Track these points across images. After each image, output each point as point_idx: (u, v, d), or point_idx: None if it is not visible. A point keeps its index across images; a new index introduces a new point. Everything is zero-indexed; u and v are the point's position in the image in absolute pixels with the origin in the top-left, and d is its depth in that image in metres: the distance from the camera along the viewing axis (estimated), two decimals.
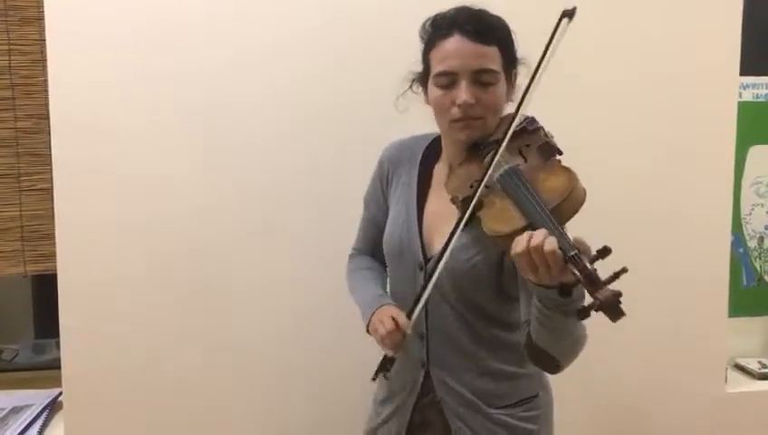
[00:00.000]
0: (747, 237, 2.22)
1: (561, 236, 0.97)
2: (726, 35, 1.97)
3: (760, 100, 2.18)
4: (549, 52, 1.14)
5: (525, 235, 0.98)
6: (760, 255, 2.23)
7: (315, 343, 1.86)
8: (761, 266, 2.24)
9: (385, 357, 1.25)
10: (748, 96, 2.16)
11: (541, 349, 1.11)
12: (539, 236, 0.96)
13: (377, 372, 1.27)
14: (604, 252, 0.93)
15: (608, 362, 1.98)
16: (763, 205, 2.21)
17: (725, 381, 2.08)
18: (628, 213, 1.95)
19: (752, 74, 2.13)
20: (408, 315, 1.22)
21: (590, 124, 1.92)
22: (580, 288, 0.96)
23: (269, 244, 1.84)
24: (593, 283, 0.92)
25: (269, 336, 1.86)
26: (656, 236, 1.98)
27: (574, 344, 1.11)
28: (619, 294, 0.90)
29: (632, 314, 2.09)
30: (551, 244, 0.95)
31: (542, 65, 1.14)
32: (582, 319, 0.97)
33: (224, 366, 1.85)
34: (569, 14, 1.15)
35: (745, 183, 2.19)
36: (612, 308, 0.90)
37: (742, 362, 2.23)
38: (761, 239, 2.23)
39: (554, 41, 1.14)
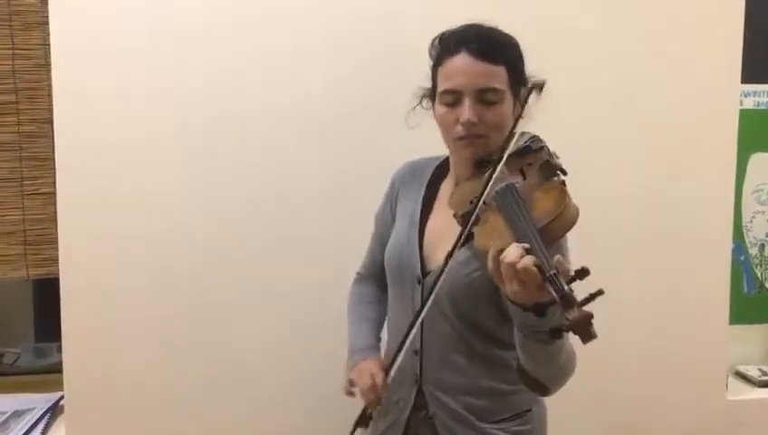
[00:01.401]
0: (748, 245, 2.22)
1: (543, 256, 0.97)
2: (728, 43, 1.98)
3: (761, 108, 2.18)
4: (518, 124, 1.17)
5: (507, 250, 0.99)
6: (761, 262, 2.23)
7: (316, 354, 1.85)
8: (762, 274, 2.24)
9: (363, 411, 1.26)
10: (749, 104, 2.16)
11: (528, 373, 1.13)
12: (513, 252, 0.97)
13: (355, 427, 1.28)
14: (582, 273, 0.93)
15: (609, 369, 1.98)
16: (764, 212, 2.22)
17: (726, 388, 2.08)
18: (629, 220, 1.96)
19: (753, 82, 2.13)
20: (387, 371, 1.24)
21: (591, 133, 1.92)
22: (556, 309, 0.95)
23: (271, 248, 1.84)
24: (568, 303, 0.92)
25: (271, 338, 1.86)
26: (657, 243, 1.98)
27: (560, 371, 1.12)
28: (590, 316, 0.90)
29: (633, 322, 2.09)
30: (525, 261, 0.95)
31: (514, 138, 1.17)
32: (554, 339, 0.97)
33: (225, 370, 1.85)
34: (539, 86, 1.17)
35: (746, 191, 2.20)
36: (583, 329, 0.90)
37: (742, 369, 2.23)
38: (762, 247, 2.23)
39: (525, 111, 1.18)
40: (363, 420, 1.27)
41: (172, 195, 1.80)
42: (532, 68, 1.26)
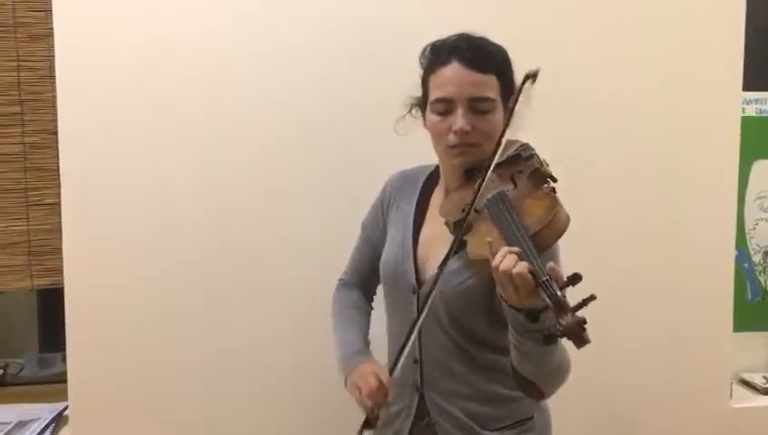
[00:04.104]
0: (752, 252, 2.22)
1: (535, 262, 0.98)
2: (729, 50, 1.98)
3: (763, 115, 2.19)
4: (514, 113, 1.16)
5: (499, 254, 1.01)
6: (765, 269, 2.23)
7: (319, 351, 1.84)
8: (765, 281, 2.23)
9: (372, 411, 1.23)
10: (751, 111, 2.17)
11: (521, 375, 1.13)
12: (509, 260, 0.99)
13: (363, 428, 1.24)
14: (575, 279, 0.95)
15: (612, 377, 1.97)
16: (767, 220, 2.22)
17: (731, 396, 2.08)
18: (632, 228, 1.96)
19: (755, 89, 2.14)
20: (391, 372, 1.22)
21: (593, 140, 1.93)
22: (549, 314, 0.96)
23: (273, 251, 1.85)
24: (561, 309, 0.93)
25: (277, 341, 1.86)
26: (660, 250, 1.98)
27: (554, 372, 1.12)
28: (583, 322, 0.91)
29: (637, 329, 2.08)
30: (520, 267, 0.97)
31: (509, 124, 1.16)
32: (549, 344, 0.98)
33: (231, 382, 1.85)
34: (532, 75, 1.15)
35: (749, 198, 2.20)
36: (576, 335, 0.91)
37: (747, 376, 2.22)
38: (765, 254, 2.23)
39: (519, 102, 1.15)
40: (372, 421, 1.24)
41: (176, 204, 1.81)
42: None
